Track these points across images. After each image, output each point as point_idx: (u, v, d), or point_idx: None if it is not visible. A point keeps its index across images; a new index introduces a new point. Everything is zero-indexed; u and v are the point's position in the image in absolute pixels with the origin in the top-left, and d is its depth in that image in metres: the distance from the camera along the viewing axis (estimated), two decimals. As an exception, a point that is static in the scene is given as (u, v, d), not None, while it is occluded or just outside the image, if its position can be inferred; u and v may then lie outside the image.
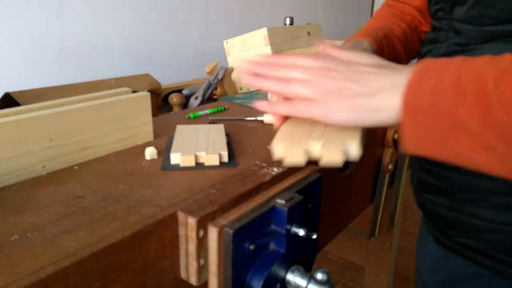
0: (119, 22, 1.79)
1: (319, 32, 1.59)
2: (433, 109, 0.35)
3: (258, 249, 0.53)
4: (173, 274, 0.52)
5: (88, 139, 0.66)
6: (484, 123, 0.33)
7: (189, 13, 2.11)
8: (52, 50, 1.57)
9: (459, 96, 0.34)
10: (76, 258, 0.41)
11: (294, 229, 0.55)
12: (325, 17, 3.32)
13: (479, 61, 0.36)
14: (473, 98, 0.34)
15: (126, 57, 1.84)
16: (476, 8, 0.55)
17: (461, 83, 0.35)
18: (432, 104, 0.35)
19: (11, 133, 0.57)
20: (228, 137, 0.79)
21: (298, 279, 0.55)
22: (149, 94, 0.75)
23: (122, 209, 0.51)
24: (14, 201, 0.53)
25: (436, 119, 0.36)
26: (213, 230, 0.49)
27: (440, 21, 0.64)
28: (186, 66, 2.13)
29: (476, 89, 0.34)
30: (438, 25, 0.64)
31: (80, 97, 0.69)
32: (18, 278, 0.38)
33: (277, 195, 0.57)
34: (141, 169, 0.64)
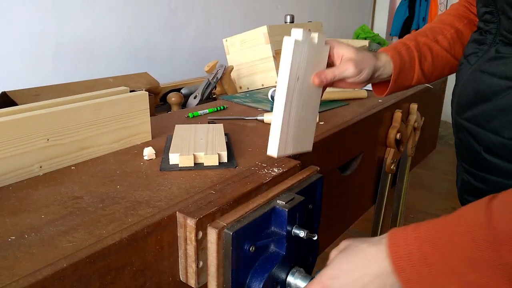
0: (117, 21, 1.78)
1: (320, 30, 1.58)
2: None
3: (258, 250, 0.52)
4: (172, 276, 0.52)
5: (85, 139, 0.66)
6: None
7: (188, 11, 2.10)
8: (49, 49, 1.56)
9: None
10: (74, 260, 0.41)
11: (295, 230, 0.54)
12: (326, 14, 3.31)
13: None
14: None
15: (124, 55, 1.83)
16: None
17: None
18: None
19: (8, 133, 0.56)
20: (227, 137, 0.78)
21: (298, 281, 0.55)
22: (147, 93, 0.75)
23: (119, 210, 0.50)
24: (11, 201, 0.53)
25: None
26: (212, 232, 0.48)
27: (488, 24, 0.63)
28: (185, 64, 2.12)
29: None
30: (485, 28, 0.64)
31: (77, 97, 0.68)
32: (15, 279, 0.38)
33: (278, 196, 0.56)
34: (139, 170, 0.63)
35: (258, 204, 0.54)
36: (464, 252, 0.40)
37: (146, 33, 1.92)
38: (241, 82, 1.37)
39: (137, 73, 1.17)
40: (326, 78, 0.62)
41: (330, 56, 0.64)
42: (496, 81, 0.59)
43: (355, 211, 1.06)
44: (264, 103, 1.07)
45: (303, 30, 0.52)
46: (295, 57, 0.52)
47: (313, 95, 0.61)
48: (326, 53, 0.62)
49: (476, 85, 0.62)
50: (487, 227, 0.40)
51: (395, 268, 0.44)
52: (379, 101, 1.10)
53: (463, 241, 0.41)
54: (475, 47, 0.65)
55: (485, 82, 0.61)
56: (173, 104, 1.12)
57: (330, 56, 0.64)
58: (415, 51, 0.74)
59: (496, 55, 0.61)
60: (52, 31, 1.55)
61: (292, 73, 0.53)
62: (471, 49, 0.66)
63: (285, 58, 0.52)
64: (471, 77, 0.64)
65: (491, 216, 0.40)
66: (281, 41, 0.54)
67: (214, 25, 2.28)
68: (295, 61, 0.53)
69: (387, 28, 4.33)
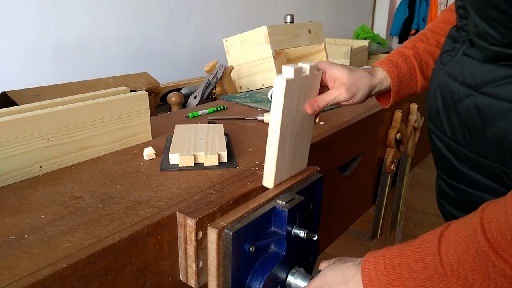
0: (117, 21, 1.78)
1: (320, 30, 1.58)
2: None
3: (258, 250, 0.52)
4: (172, 276, 0.52)
5: (85, 139, 0.66)
6: None
7: (188, 11, 2.10)
8: (49, 48, 1.56)
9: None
10: (74, 260, 0.41)
11: (295, 230, 0.54)
12: (326, 14, 3.31)
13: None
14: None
15: (124, 55, 1.83)
16: (482, 25, 0.50)
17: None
18: None
19: (8, 133, 0.56)
20: (227, 137, 0.78)
21: (299, 281, 0.55)
22: (147, 93, 0.75)
23: (119, 210, 0.50)
24: (11, 201, 0.53)
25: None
26: (212, 232, 0.48)
27: (462, 20, 0.57)
28: (185, 64, 2.12)
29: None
30: (460, 23, 0.59)
31: (77, 96, 0.68)
32: (15, 279, 0.38)
33: (278, 196, 0.56)
34: (139, 170, 0.63)
35: (258, 204, 0.53)
36: (420, 280, 0.43)
37: (146, 33, 1.92)
38: (241, 82, 1.37)
39: (137, 73, 1.17)
40: (318, 106, 0.61)
41: (323, 79, 0.63)
42: (457, 88, 0.55)
43: (355, 211, 1.06)
44: (264, 103, 1.07)
45: (294, 68, 0.52)
46: (287, 96, 0.52)
47: (307, 120, 0.61)
48: (318, 79, 0.61)
49: (443, 91, 0.59)
50: (436, 257, 0.42)
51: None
52: (379, 101, 1.10)
53: (419, 270, 0.43)
54: (450, 44, 0.61)
55: (450, 88, 0.57)
56: (173, 104, 1.12)
57: (323, 80, 0.63)
58: (413, 59, 0.71)
59: (462, 57, 0.56)
60: (52, 31, 1.55)
61: (285, 111, 0.53)
62: (447, 45, 0.62)
63: (277, 97, 0.52)
64: (439, 81, 0.60)
65: (440, 247, 0.42)
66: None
67: (214, 25, 2.28)
68: (288, 98, 0.53)
69: (387, 28, 4.33)
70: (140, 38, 1.89)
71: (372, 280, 0.47)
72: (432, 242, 0.43)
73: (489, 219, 0.40)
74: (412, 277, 0.44)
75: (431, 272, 0.42)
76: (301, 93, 0.56)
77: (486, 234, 0.39)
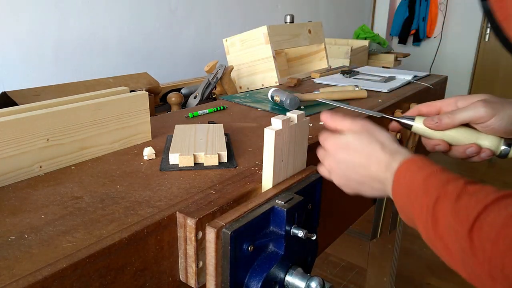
0: (117, 21, 1.78)
1: (320, 30, 1.58)
2: (402, 205, 0.50)
3: (256, 250, 0.53)
4: (172, 276, 0.52)
5: (85, 139, 0.66)
6: (424, 229, 0.45)
7: (188, 11, 2.10)
8: (49, 49, 1.56)
9: (413, 204, 0.47)
10: (73, 260, 0.41)
11: (294, 230, 0.54)
12: (326, 14, 3.31)
13: (436, 181, 0.46)
14: (419, 210, 0.46)
15: (123, 55, 1.83)
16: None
17: (416, 194, 0.46)
18: (401, 205, 0.50)
19: (8, 133, 0.56)
20: (227, 137, 0.78)
21: (297, 281, 0.55)
22: (147, 93, 0.75)
23: (119, 210, 0.50)
24: (11, 201, 0.53)
25: (405, 210, 0.49)
26: (211, 231, 0.48)
27: None
28: (185, 64, 2.12)
29: (420, 204, 0.46)
30: None
31: (77, 96, 0.68)
32: (15, 279, 0.38)
33: (277, 195, 0.56)
34: (139, 170, 0.63)
35: (257, 204, 0.54)
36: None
37: (146, 33, 1.92)
38: (241, 82, 1.37)
39: (137, 73, 1.17)
40: (440, 120, 0.57)
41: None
42: None
43: (355, 211, 1.06)
44: (264, 103, 1.07)
45: (282, 119, 0.56)
46: (277, 145, 0.57)
47: (301, 148, 0.64)
48: (307, 125, 0.63)
49: None
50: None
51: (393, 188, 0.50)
52: (379, 101, 1.10)
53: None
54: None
55: None
56: (173, 104, 1.13)
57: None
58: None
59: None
60: (52, 31, 1.55)
61: (276, 157, 0.58)
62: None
63: (268, 148, 0.57)
64: None
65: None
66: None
67: (214, 25, 2.28)
68: (278, 147, 0.58)
69: (387, 28, 4.33)
70: (140, 38, 1.89)
71: (400, 187, 0.48)
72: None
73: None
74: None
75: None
76: (291, 139, 0.60)
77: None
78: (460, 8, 4.21)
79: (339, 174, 0.57)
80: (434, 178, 0.46)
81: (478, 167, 3.44)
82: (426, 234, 0.45)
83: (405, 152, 0.52)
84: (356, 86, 1.15)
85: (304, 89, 1.25)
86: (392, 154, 0.51)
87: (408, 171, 0.48)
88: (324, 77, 1.41)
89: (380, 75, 1.40)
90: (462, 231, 0.40)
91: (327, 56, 1.62)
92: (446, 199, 0.43)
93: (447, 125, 0.58)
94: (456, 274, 0.44)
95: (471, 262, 0.40)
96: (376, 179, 0.53)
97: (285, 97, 0.99)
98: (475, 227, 0.39)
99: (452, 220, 0.42)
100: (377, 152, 0.52)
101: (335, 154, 0.56)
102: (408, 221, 0.50)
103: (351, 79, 1.37)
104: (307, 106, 1.04)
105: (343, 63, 2.50)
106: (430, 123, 0.58)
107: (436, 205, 0.44)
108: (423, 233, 0.46)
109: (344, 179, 0.57)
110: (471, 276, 0.41)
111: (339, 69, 1.54)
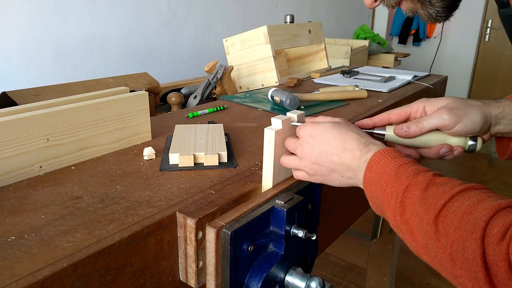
0: (117, 21, 1.78)
1: (320, 30, 1.58)
2: (372, 192, 0.51)
3: (256, 250, 0.53)
4: (172, 276, 0.52)
5: (85, 139, 0.66)
6: (392, 215, 0.48)
7: (188, 11, 2.10)
8: (49, 48, 1.56)
9: (384, 191, 0.49)
10: (73, 260, 0.41)
11: (294, 230, 0.54)
12: (326, 14, 3.31)
13: (406, 173, 0.48)
14: (388, 197, 0.48)
15: (124, 55, 1.83)
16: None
17: (387, 182, 0.49)
18: (371, 192, 0.52)
19: (8, 133, 0.56)
20: (227, 137, 0.78)
21: (297, 281, 0.55)
22: (147, 93, 0.75)
23: (119, 210, 0.50)
24: (11, 201, 0.53)
25: (374, 197, 0.51)
26: (211, 231, 0.48)
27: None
28: (185, 64, 2.13)
29: (390, 191, 0.48)
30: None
31: (77, 96, 0.69)
32: (15, 279, 0.38)
33: (277, 195, 0.56)
34: (139, 170, 0.63)
35: (257, 204, 0.54)
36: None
37: (146, 33, 1.92)
38: (241, 82, 1.37)
39: (137, 73, 1.17)
40: (409, 129, 0.59)
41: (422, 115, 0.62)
42: None
43: (355, 211, 1.06)
44: (264, 103, 1.07)
45: (282, 119, 0.57)
46: (277, 145, 0.58)
47: None
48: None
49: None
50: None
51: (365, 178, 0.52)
52: (379, 101, 1.10)
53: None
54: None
55: None
56: (173, 104, 1.13)
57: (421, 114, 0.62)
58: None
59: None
60: (52, 31, 1.55)
61: (276, 157, 0.58)
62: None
63: (268, 148, 0.58)
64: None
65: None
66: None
67: (214, 25, 2.28)
68: (278, 147, 0.58)
69: (387, 28, 4.33)
70: (140, 38, 1.89)
71: (372, 176, 0.50)
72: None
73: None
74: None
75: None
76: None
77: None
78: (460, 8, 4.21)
79: (311, 161, 0.56)
80: (405, 168, 0.48)
81: (478, 167, 3.45)
82: (394, 220, 0.48)
83: (379, 144, 0.53)
84: (356, 86, 1.15)
85: (304, 89, 1.25)
86: (367, 144, 0.53)
87: (381, 160, 0.50)
88: (324, 77, 1.42)
89: (380, 75, 1.40)
90: (428, 218, 0.43)
91: (327, 56, 1.62)
92: (415, 187, 0.46)
93: (416, 133, 0.61)
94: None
95: (434, 246, 0.42)
96: (348, 166, 0.54)
97: (285, 97, 0.99)
98: (441, 215, 0.42)
99: (419, 207, 0.45)
100: (352, 140, 0.54)
101: (310, 139, 0.56)
102: (376, 209, 0.52)
103: (351, 79, 1.37)
104: (307, 106, 1.04)
105: (343, 63, 2.50)
106: (400, 132, 0.62)
107: (405, 192, 0.46)
108: (391, 218, 0.48)
109: (316, 166, 0.56)
110: (433, 260, 0.44)
111: (339, 69, 1.54)
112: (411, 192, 0.46)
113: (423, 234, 0.44)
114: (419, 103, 0.63)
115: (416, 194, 0.45)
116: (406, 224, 0.46)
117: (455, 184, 0.45)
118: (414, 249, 0.46)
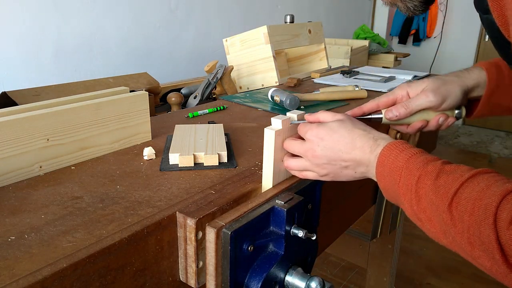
0: (117, 21, 1.78)
1: (320, 30, 1.58)
2: (387, 184, 0.54)
3: (256, 250, 0.53)
4: (172, 276, 0.52)
5: (85, 139, 0.66)
6: (409, 206, 0.50)
7: (188, 11, 2.10)
8: (49, 49, 1.56)
9: (398, 184, 0.51)
10: (73, 260, 0.41)
11: (294, 230, 0.54)
12: (326, 14, 3.31)
13: (416, 163, 0.50)
14: (404, 188, 0.50)
15: (124, 55, 1.83)
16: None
17: (400, 174, 0.51)
18: (385, 185, 0.54)
19: (8, 133, 0.56)
20: (227, 137, 0.78)
21: (297, 281, 0.55)
22: (147, 93, 0.75)
23: (119, 210, 0.50)
24: (11, 201, 0.53)
25: (389, 189, 0.54)
26: (211, 231, 0.48)
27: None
28: (185, 64, 2.12)
29: (405, 183, 0.50)
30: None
31: (77, 96, 0.69)
32: (15, 279, 0.38)
33: (277, 195, 0.56)
34: (139, 170, 0.63)
35: (257, 204, 0.54)
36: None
37: (146, 33, 1.92)
38: (241, 82, 1.37)
39: (137, 73, 1.17)
40: (398, 112, 0.64)
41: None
42: None
43: (355, 211, 1.06)
44: (264, 103, 1.07)
45: (282, 119, 0.58)
46: (277, 145, 0.58)
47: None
48: None
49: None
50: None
51: (377, 172, 0.54)
52: (379, 101, 1.10)
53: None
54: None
55: None
56: (173, 104, 1.13)
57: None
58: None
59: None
60: (52, 31, 1.55)
61: (276, 157, 0.59)
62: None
63: (268, 148, 0.58)
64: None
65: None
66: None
67: (214, 25, 2.28)
68: (278, 147, 0.58)
69: (387, 28, 4.33)
70: (140, 38, 1.89)
71: (384, 169, 0.52)
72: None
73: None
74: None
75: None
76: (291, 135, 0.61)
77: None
78: (460, 8, 4.21)
79: (323, 161, 0.57)
80: (415, 159, 0.50)
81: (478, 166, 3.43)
82: (411, 210, 0.50)
83: (387, 137, 0.56)
84: (356, 86, 1.15)
85: (304, 89, 1.25)
86: (375, 139, 0.55)
87: (391, 154, 0.52)
88: (324, 77, 1.41)
89: (380, 75, 1.40)
90: (442, 206, 0.45)
91: (327, 56, 1.62)
92: (426, 177, 0.48)
93: (406, 114, 0.67)
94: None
95: (452, 231, 0.44)
96: (360, 162, 0.56)
97: (285, 97, 0.99)
98: (453, 202, 0.44)
99: (433, 196, 0.46)
100: (361, 137, 0.56)
101: (319, 141, 0.57)
102: (392, 200, 0.55)
103: (351, 79, 1.37)
104: (307, 106, 1.04)
105: (343, 63, 2.50)
106: (392, 117, 0.67)
107: (418, 183, 0.48)
108: (408, 209, 0.50)
109: (328, 166, 0.57)
110: (452, 244, 0.46)
111: (339, 69, 1.54)
112: (423, 182, 0.48)
113: (440, 221, 0.46)
114: (402, 89, 0.69)
115: (428, 184, 0.47)
116: (424, 212, 0.48)
117: (464, 171, 0.47)
118: (434, 235, 0.48)
